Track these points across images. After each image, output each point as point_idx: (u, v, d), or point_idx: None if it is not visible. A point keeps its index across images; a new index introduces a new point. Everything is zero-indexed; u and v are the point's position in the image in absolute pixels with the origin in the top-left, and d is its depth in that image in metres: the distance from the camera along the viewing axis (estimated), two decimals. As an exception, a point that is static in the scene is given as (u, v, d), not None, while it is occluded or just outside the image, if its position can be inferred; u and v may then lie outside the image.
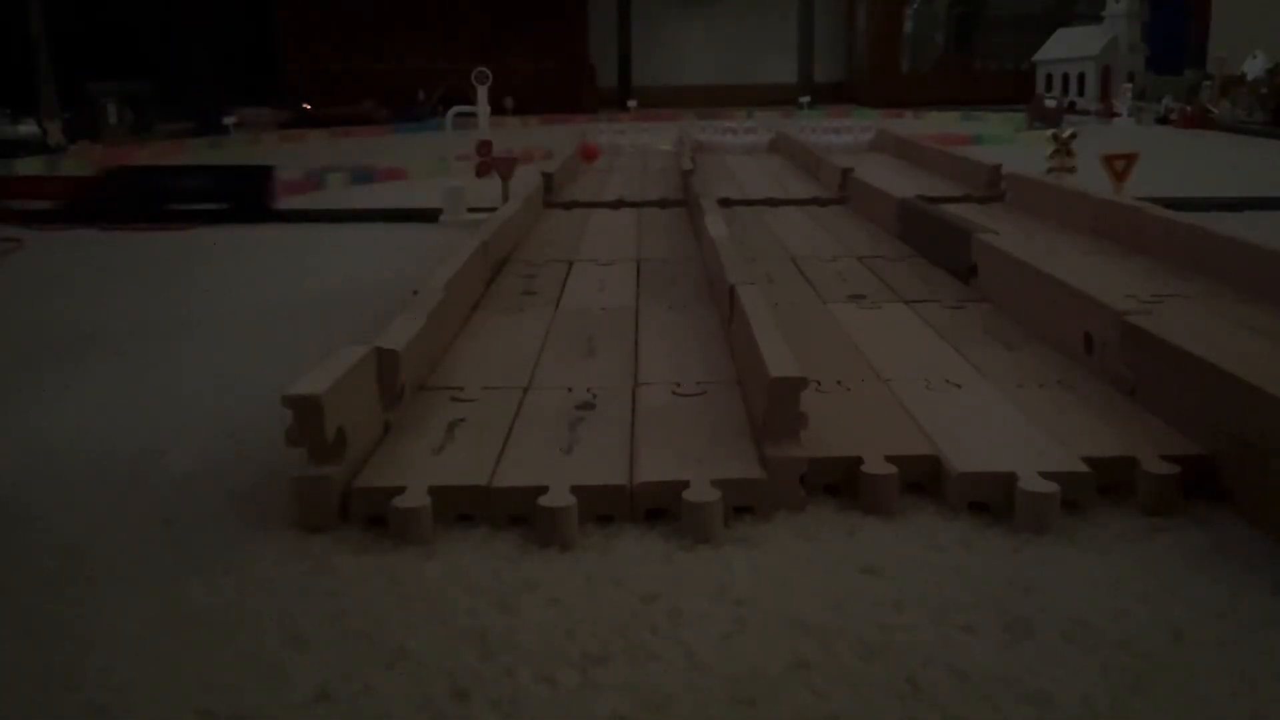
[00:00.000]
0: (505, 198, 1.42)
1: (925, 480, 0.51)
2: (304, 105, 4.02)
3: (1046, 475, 0.49)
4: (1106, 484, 0.50)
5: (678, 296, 0.91)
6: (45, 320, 0.95)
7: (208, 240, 1.39)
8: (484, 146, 1.50)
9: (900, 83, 5.19)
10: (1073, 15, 4.88)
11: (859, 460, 0.51)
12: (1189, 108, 3.22)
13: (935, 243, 1.05)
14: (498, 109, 1.97)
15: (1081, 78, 4.10)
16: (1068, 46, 4.28)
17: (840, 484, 0.51)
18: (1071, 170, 1.53)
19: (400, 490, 0.48)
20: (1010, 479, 0.49)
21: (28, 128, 2.79)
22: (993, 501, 0.49)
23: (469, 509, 0.49)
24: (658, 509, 0.49)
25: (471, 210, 1.46)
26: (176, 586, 0.44)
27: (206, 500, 0.52)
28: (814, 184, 1.79)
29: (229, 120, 3.31)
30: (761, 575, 0.44)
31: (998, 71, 5.21)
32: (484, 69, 1.41)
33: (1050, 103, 3.27)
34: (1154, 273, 0.98)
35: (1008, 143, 2.68)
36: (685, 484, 0.48)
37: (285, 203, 1.65)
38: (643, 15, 5.49)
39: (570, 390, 0.64)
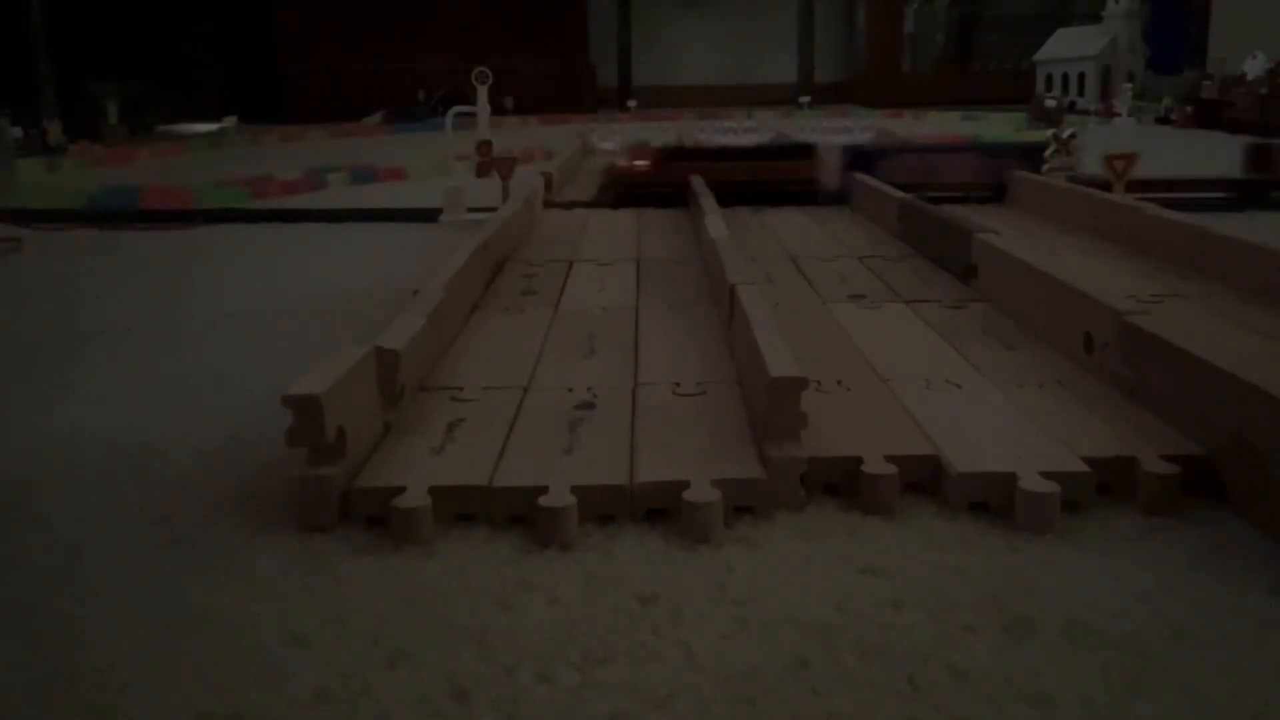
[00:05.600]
0: (505, 197, 1.43)
1: (925, 480, 0.51)
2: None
3: (1046, 475, 0.49)
4: (1106, 484, 0.50)
5: (678, 296, 0.91)
6: (45, 320, 0.95)
7: (208, 240, 1.39)
8: (484, 147, 1.50)
9: (900, 83, 5.19)
10: (1073, 15, 4.88)
11: (859, 460, 0.51)
12: (1189, 108, 3.22)
13: (935, 243, 1.05)
14: (498, 109, 1.97)
15: (1081, 78, 4.11)
16: (1068, 46, 4.28)
17: (840, 484, 0.51)
18: (1070, 170, 1.53)
19: (400, 490, 0.48)
20: (1010, 479, 0.49)
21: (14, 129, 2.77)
22: (993, 501, 0.49)
23: (469, 509, 0.49)
24: (658, 509, 0.49)
25: (471, 210, 1.46)
26: (176, 586, 0.44)
27: (206, 500, 0.52)
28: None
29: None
30: (761, 575, 0.44)
31: (998, 71, 5.21)
32: (484, 69, 1.41)
33: (1050, 103, 3.27)
34: (1154, 273, 0.98)
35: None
36: (685, 484, 0.48)
37: (285, 203, 1.65)
38: (643, 15, 5.50)
39: (570, 390, 0.64)
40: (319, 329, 0.88)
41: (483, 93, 1.43)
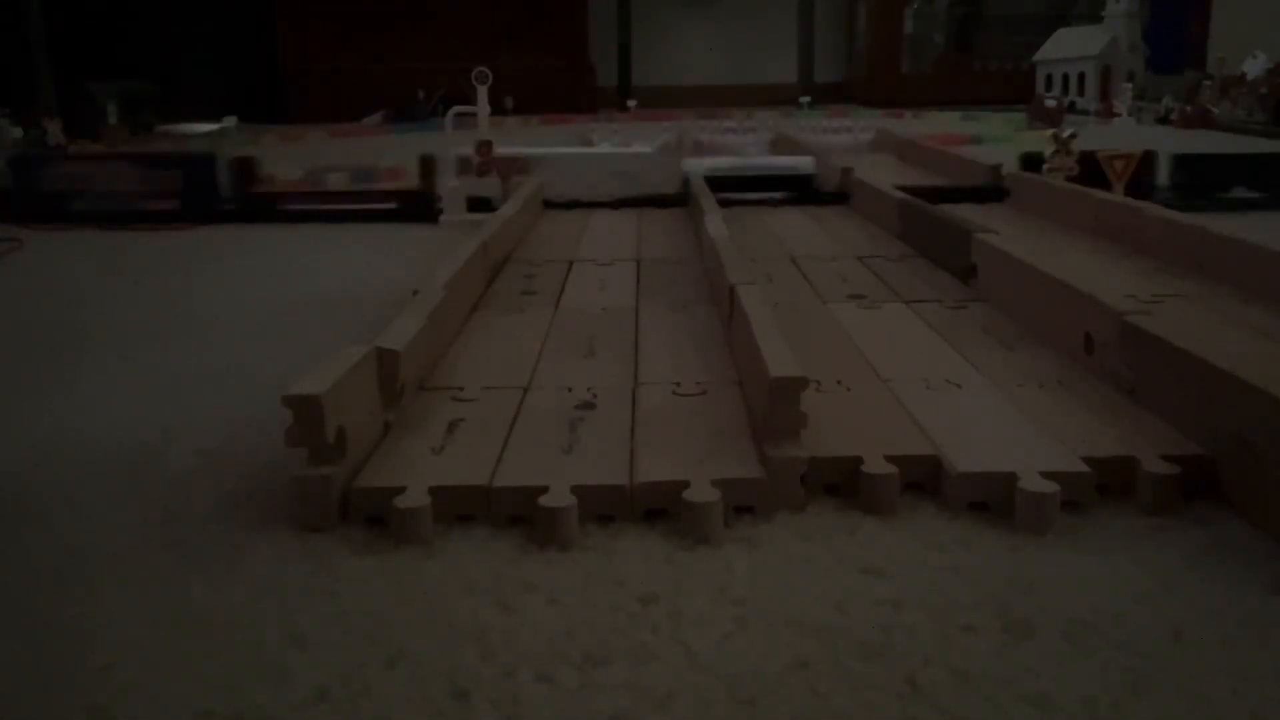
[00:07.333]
0: (505, 198, 1.42)
1: (925, 480, 0.51)
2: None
3: (1046, 475, 0.49)
4: (1106, 484, 0.50)
5: (678, 296, 0.91)
6: (45, 319, 0.95)
7: (208, 240, 1.39)
8: (484, 146, 1.50)
9: (900, 83, 5.19)
10: (1073, 15, 4.88)
11: (859, 460, 0.51)
12: (1189, 107, 3.22)
13: (935, 243, 1.05)
14: (498, 109, 1.97)
15: (1081, 78, 4.10)
16: (1068, 46, 4.28)
17: (840, 484, 0.51)
18: (1071, 170, 1.53)
19: (400, 490, 0.48)
20: (1010, 479, 0.49)
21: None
22: (993, 501, 0.49)
23: (469, 509, 0.49)
24: (658, 509, 0.49)
25: (471, 210, 1.46)
26: (176, 586, 0.44)
27: (206, 500, 0.52)
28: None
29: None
30: (761, 575, 0.44)
31: (998, 71, 5.21)
32: (484, 69, 1.41)
33: (1050, 103, 3.27)
34: (1154, 273, 0.98)
35: (1008, 143, 2.68)
36: (685, 484, 0.48)
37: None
38: (643, 15, 5.49)
39: (570, 390, 0.64)
40: (319, 329, 0.88)
41: (483, 93, 1.43)
